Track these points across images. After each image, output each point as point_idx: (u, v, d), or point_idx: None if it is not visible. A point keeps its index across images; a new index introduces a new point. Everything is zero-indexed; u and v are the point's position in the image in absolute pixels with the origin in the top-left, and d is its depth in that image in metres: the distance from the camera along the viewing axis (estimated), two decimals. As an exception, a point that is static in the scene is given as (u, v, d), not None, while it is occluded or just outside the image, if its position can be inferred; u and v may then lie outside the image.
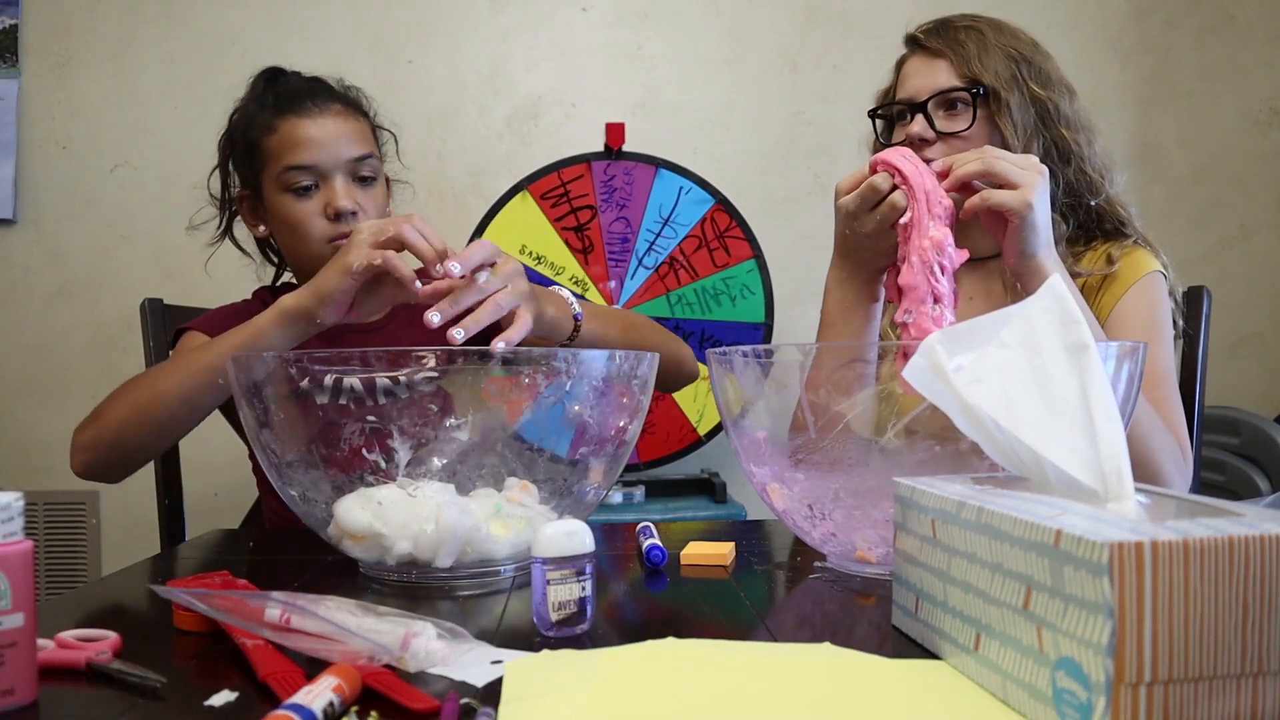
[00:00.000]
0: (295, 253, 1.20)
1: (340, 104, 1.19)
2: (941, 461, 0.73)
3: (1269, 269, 2.20)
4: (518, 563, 0.80)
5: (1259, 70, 2.19)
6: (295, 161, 1.14)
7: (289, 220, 1.16)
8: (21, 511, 0.51)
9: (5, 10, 2.06)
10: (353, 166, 1.17)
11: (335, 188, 1.15)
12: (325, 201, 1.15)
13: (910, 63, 1.18)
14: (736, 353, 0.81)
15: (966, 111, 1.12)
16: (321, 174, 1.15)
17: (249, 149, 1.20)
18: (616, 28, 2.13)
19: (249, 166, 1.21)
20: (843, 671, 0.54)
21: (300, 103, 1.17)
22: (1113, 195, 1.15)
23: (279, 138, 1.16)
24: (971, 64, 1.12)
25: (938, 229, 0.88)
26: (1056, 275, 0.61)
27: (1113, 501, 0.52)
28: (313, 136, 1.15)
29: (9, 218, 2.05)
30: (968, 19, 1.16)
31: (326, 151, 1.15)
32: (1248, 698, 0.41)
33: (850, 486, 0.76)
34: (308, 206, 1.15)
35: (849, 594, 0.74)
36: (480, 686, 0.52)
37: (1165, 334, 1.11)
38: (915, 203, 0.89)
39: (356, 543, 0.77)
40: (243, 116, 1.22)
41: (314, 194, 1.15)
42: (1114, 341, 0.73)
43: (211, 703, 0.50)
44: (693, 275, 1.91)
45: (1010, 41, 1.14)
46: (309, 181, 1.15)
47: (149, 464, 1.33)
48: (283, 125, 1.16)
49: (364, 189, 1.18)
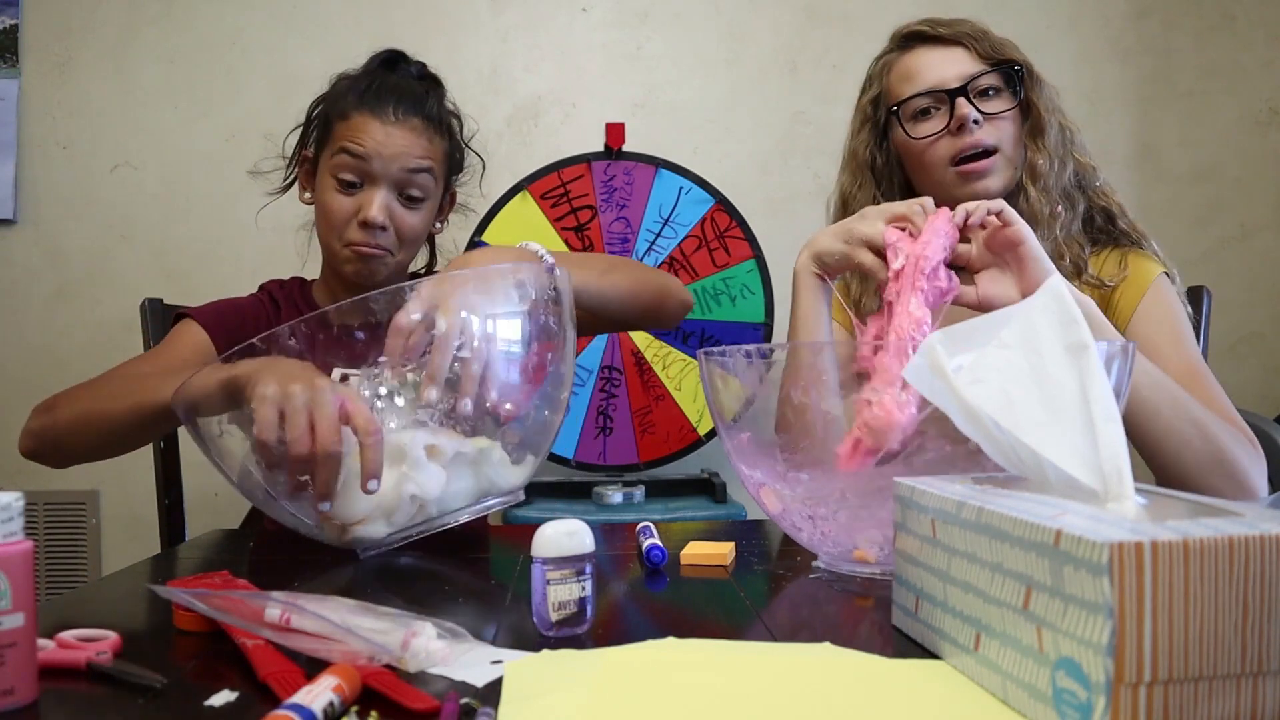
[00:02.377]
0: (321, 232, 1.22)
1: (422, 119, 1.17)
2: (953, 461, 0.72)
3: (1269, 269, 2.20)
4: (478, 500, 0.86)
5: (1259, 70, 2.19)
6: (349, 148, 1.14)
7: (324, 207, 1.18)
8: (21, 511, 0.51)
9: (5, 10, 2.06)
10: (402, 180, 1.16)
11: (374, 197, 1.14)
12: (360, 205, 1.15)
13: (916, 58, 1.17)
14: (730, 353, 0.81)
15: (1001, 94, 1.13)
16: (369, 177, 1.15)
17: (324, 122, 1.20)
18: (616, 28, 2.13)
19: (318, 138, 1.21)
20: (843, 671, 0.54)
21: (384, 103, 1.15)
22: (1105, 186, 1.18)
23: (348, 126, 1.16)
24: (994, 46, 1.13)
25: (920, 308, 0.83)
26: (1056, 276, 0.61)
27: (1113, 501, 0.51)
28: (376, 139, 1.14)
29: (9, 218, 2.05)
30: (961, 19, 1.17)
31: (380, 158, 1.14)
32: (1248, 698, 0.41)
33: (855, 486, 0.76)
34: (345, 202, 1.16)
35: (848, 594, 0.74)
36: (480, 686, 0.52)
37: (1187, 331, 1.10)
38: (903, 277, 0.85)
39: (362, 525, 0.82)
40: (335, 89, 1.21)
41: (354, 193, 1.16)
42: (1104, 340, 0.72)
43: (211, 703, 0.50)
44: (693, 275, 1.91)
45: (1006, 39, 1.16)
46: (354, 178, 1.15)
47: (148, 460, 1.34)
48: (356, 116, 1.15)
49: (408, 207, 1.18)
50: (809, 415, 0.77)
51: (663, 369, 1.91)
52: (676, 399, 1.90)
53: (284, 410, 0.77)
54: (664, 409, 1.89)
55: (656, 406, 1.89)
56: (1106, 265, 1.15)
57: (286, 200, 1.30)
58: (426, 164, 1.17)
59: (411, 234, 1.19)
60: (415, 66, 1.25)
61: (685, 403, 1.91)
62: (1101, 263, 1.15)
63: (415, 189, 1.17)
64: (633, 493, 1.82)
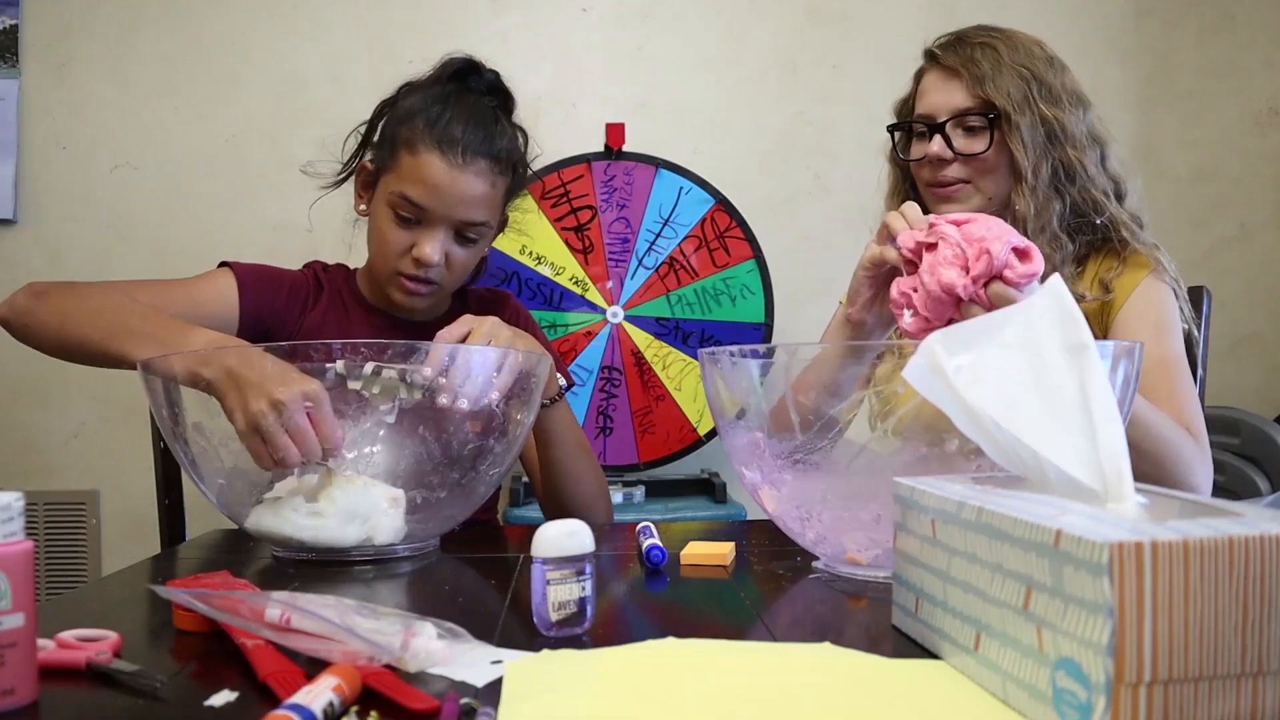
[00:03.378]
0: (371, 252, 1.23)
1: (488, 162, 1.16)
2: (929, 463, 0.73)
3: (1269, 269, 2.20)
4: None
5: (1259, 70, 2.19)
6: (411, 196, 1.14)
7: (379, 233, 1.18)
8: (21, 511, 0.51)
9: (5, 10, 2.05)
10: (461, 225, 1.16)
11: (431, 237, 1.15)
12: (415, 241, 1.15)
13: (928, 78, 1.19)
14: (725, 353, 0.81)
15: (983, 133, 1.14)
16: (428, 218, 1.15)
17: (390, 142, 1.18)
18: (616, 28, 2.13)
19: (380, 156, 1.20)
20: (843, 671, 0.54)
21: (453, 146, 1.13)
22: (1116, 213, 1.14)
23: (414, 162, 1.14)
24: (985, 85, 1.13)
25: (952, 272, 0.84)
26: (1056, 276, 0.61)
27: (1113, 501, 0.52)
28: (440, 184, 1.13)
29: (9, 218, 2.05)
30: (985, 34, 1.17)
31: (444, 205, 1.14)
32: (1248, 698, 0.41)
33: (837, 489, 0.75)
34: (400, 235, 1.16)
35: (848, 594, 0.74)
36: (480, 686, 0.52)
37: (1171, 327, 1.11)
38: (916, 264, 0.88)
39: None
40: (405, 106, 1.18)
41: (411, 227, 1.16)
42: (1110, 341, 0.73)
43: (211, 703, 0.50)
44: (693, 275, 1.91)
45: (1024, 59, 1.14)
46: (413, 217, 1.15)
47: (148, 460, 1.34)
48: (424, 153, 1.13)
49: (461, 245, 1.18)
50: (810, 417, 0.77)
51: (663, 369, 1.91)
52: (676, 399, 1.90)
53: (260, 433, 0.82)
54: (664, 409, 1.90)
55: (656, 406, 1.89)
56: (1093, 278, 1.16)
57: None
58: (485, 213, 1.17)
59: (462, 268, 1.20)
60: (489, 77, 1.23)
61: (685, 403, 1.91)
62: (1096, 271, 1.16)
63: (472, 232, 1.18)
64: (633, 493, 1.82)
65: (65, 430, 2.06)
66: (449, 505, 0.91)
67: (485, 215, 1.17)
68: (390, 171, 1.17)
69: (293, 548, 0.87)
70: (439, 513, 0.90)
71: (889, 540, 0.73)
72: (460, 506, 0.92)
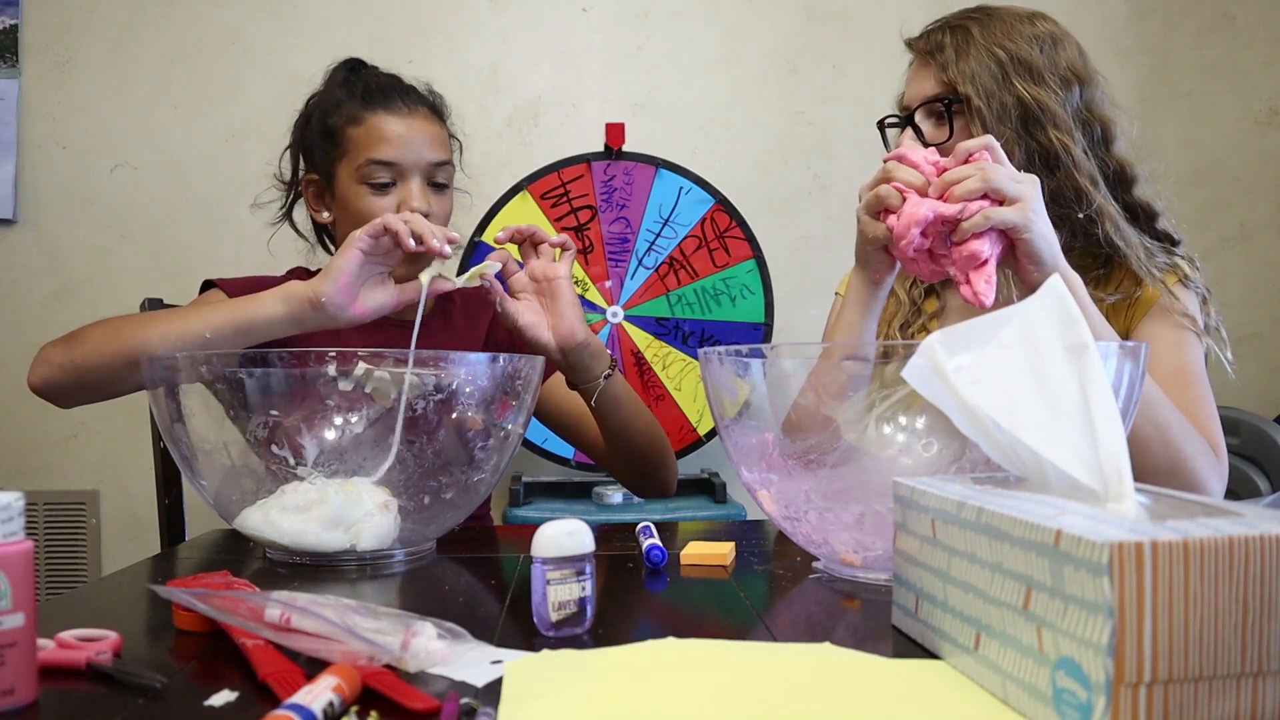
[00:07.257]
0: None
1: (426, 108, 1.20)
2: (916, 466, 0.73)
3: (1269, 269, 2.20)
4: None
5: (1259, 70, 2.19)
6: (379, 156, 1.15)
7: (360, 213, 1.16)
8: (21, 511, 0.51)
9: (5, 10, 2.05)
10: (430, 171, 1.18)
11: (412, 189, 1.16)
12: (400, 201, 1.16)
13: (910, 68, 1.16)
14: (725, 353, 0.81)
15: (944, 122, 1.08)
16: (401, 173, 1.16)
17: (328, 135, 1.20)
18: (616, 28, 2.13)
19: (325, 153, 1.21)
20: (843, 671, 0.54)
21: (390, 99, 1.17)
22: (1103, 204, 1.05)
23: (365, 130, 1.16)
24: (949, 70, 1.07)
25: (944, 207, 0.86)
26: (1056, 275, 0.61)
27: (1113, 501, 0.51)
28: (400, 134, 1.16)
29: (9, 218, 2.05)
30: (962, 16, 1.11)
31: (410, 152, 1.16)
32: (1248, 698, 0.41)
33: (820, 488, 0.75)
34: (382, 203, 1.16)
35: (848, 594, 0.74)
36: (480, 686, 0.52)
37: (1190, 335, 1.06)
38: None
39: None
40: (324, 102, 1.21)
41: (390, 192, 1.16)
42: (1113, 341, 0.72)
43: (211, 703, 0.50)
44: (693, 275, 1.91)
45: (1001, 37, 1.07)
46: (388, 179, 1.16)
47: (148, 460, 1.33)
48: (370, 118, 1.16)
49: (437, 194, 1.19)
50: (810, 417, 0.77)
51: (663, 369, 1.91)
52: (676, 399, 1.90)
53: (375, 234, 0.95)
54: (664, 409, 1.89)
55: (656, 406, 1.89)
56: (1124, 284, 1.10)
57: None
58: (445, 152, 1.20)
59: (445, 220, 1.21)
60: (374, 68, 1.26)
61: (685, 403, 1.91)
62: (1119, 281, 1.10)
63: (441, 175, 1.19)
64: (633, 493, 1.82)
65: (65, 430, 2.06)
66: (446, 508, 0.90)
67: (446, 154, 1.20)
68: (344, 156, 1.18)
69: (278, 550, 0.87)
70: (436, 515, 0.90)
71: (874, 541, 0.74)
72: (457, 509, 0.92)
